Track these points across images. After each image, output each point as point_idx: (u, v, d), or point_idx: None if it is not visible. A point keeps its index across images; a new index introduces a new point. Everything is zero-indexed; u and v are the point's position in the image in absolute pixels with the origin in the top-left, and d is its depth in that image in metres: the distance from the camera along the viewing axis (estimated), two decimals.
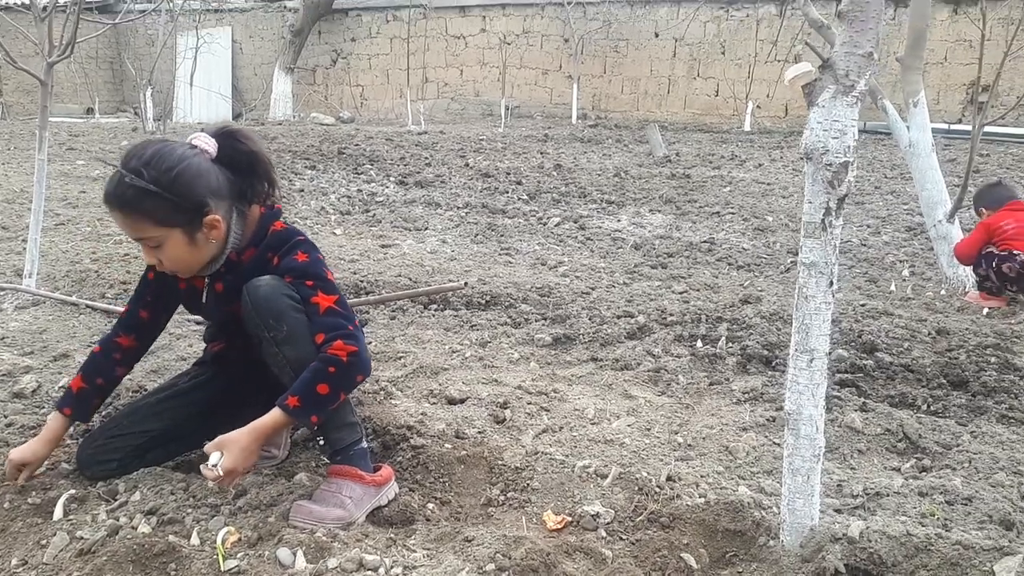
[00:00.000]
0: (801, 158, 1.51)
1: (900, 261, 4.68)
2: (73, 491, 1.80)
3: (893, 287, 4.10)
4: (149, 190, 1.70)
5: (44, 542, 1.62)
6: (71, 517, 1.72)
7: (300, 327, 1.75)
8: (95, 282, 3.85)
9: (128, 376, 2.55)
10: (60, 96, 15.70)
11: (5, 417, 2.26)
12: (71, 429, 2.03)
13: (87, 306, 3.44)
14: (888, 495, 1.94)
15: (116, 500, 1.79)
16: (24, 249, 3.82)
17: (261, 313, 1.74)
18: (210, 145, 1.81)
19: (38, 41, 3.74)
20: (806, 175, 1.52)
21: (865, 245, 5.08)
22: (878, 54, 1.51)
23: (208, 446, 1.73)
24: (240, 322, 1.83)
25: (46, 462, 1.93)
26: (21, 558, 1.59)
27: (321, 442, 1.83)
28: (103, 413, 2.27)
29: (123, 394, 2.38)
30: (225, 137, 1.85)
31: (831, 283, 1.54)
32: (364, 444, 1.88)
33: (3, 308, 3.41)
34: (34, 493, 1.79)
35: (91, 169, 7.62)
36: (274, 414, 1.72)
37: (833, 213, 1.51)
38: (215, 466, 1.67)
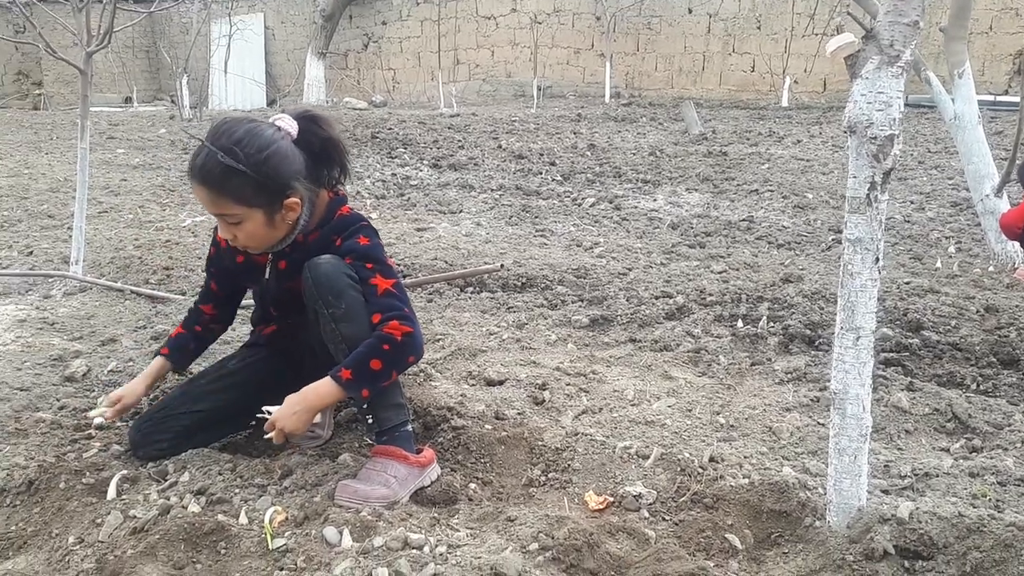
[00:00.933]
0: (844, 132, 1.48)
1: (946, 237, 4.57)
2: (125, 472, 1.85)
3: (939, 264, 4.01)
4: (239, 170, 1.73)
5: (99, 521, 1.67)
6: (124, 497, 1.76)
7: (357, 306, 1.79)
8: (139, 268, 3.93)
9: None
10: (99, 86, 15.98)
11: (58, 400, 2.32)
12: (169, 375, 2.24)
13: (132, 292, 3.51)
14: (937, 476, 1.90)
15: (166, 480, 1.84)
16: (70, 237, 3.90)
17: (321, 290, 1.78)
18: (293, 127, 1.85)
19: (76, 31, 3.79)
20: (850, 149, 1.49)
21: (909, 221, 4.97)
22: (923, 23, 1.46)
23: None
24: (295, 300, 1.88)
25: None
26: (78, 536, 1.64)
27: (369, 420, 1.86)
28: (151, 396, 2.32)
29: (170, 377, 2.43)
30: (306, 121, 1.88)
31: (877, 259, 1.51)
32: (410, 427, 1.91)
33: (52, 295, 3.50)
34: (88, 474, 1.84)
35: (131, 157, 7.75)
36: (325, 383, 1.76)
37: (878, 187, 1.47)
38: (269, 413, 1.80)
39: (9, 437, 2.08)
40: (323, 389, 1.76)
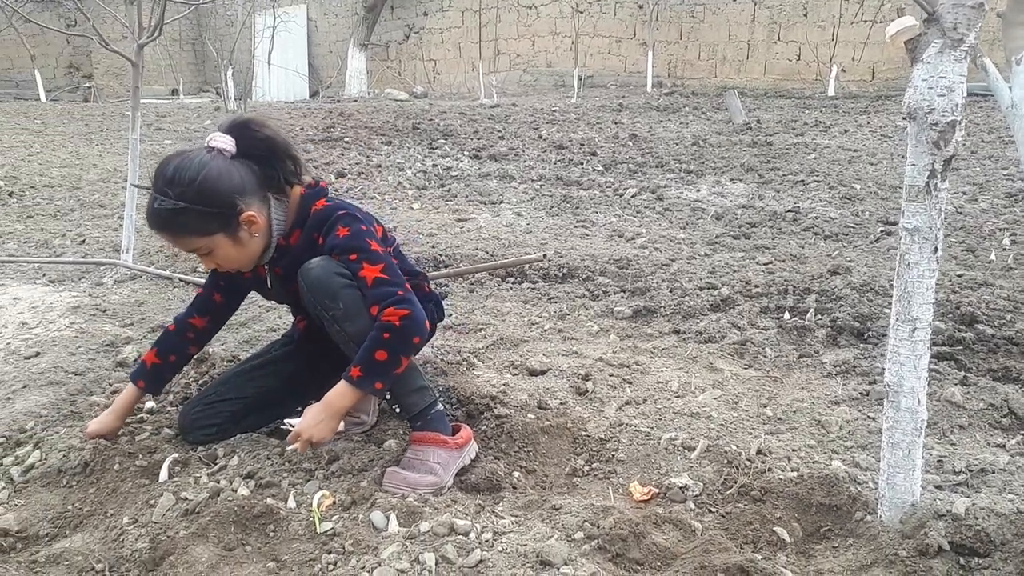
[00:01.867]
0: (903, 118, 1.44)
1: (1000, 229, 4.44)
2: (176, 455, 1.89)
3: (993, 256, 3.90)
4: (179, 207, 1.74)
5: (152, 502, 1.71)
6: (175, 479, 1.80)
7: (355, 302, 1.78)
8: (187, 257, 4.00)
9: (222, 346, 2.66)
10: (146, 78, 16.28)
11: (110, 385, 2.38)
12: (144, 400, 2.14)
13: (180, 280, 3.57)
14: (993, 472, 1.85)
15: (216, 464, 1.87)
16: (120, 226, 3.99)
17: (317, 295, 1.79)
18: (227, 143, 1.82)
19: (128, 24, 3.87)
20: (909, 135, 1.45)
21: (961, 213, 4.83)
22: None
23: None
24: (300, 303, 1.89)
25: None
26: (132, 516, 1.68)
27: (396, 409, 1.87)
28: (200, 382, 2.36)
29: (218, 364, 2.47)
30: (239, 130, 1.85)
31: (936, 249, 1.47)
32: (440, 406, 1.91)
33: (104, 282, 3.58)
34: (141, 456, 1.88)
35: (178, 149, 7.89)
36: (340, 387, 1.77)
37: (938, 175, 1.43)
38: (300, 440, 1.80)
39: (65, 420, 2.14)
40: (340, 392, 1.77)
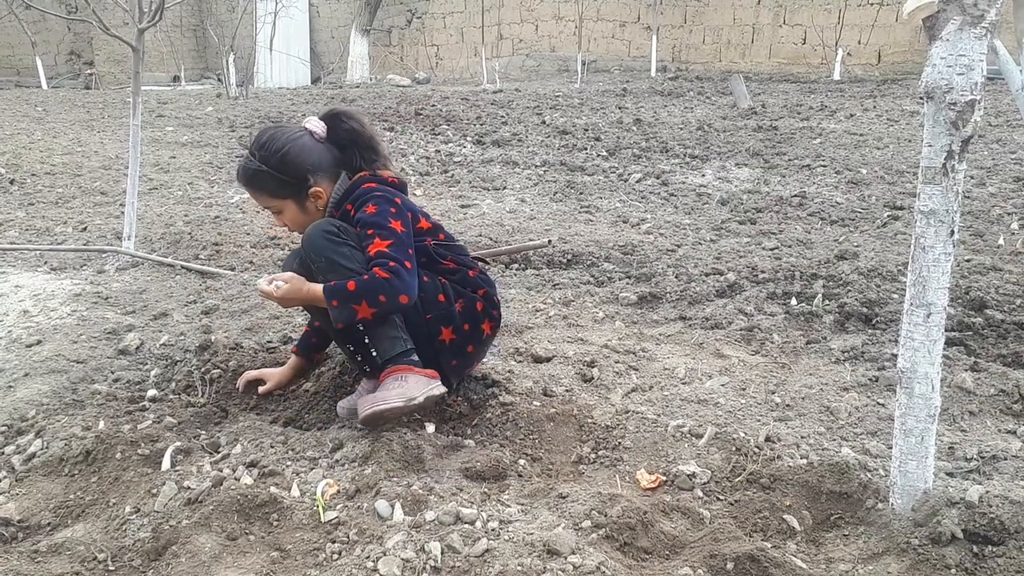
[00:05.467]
0: (921, 98, 1.40)
1: (1008, 213, 4.39)
2: (179, 443, 1.87)
3: (1001, 241, 3.86)
4: (261, 169, 2.04)
5: (154, 491, 1.69)
6: (178, 468, 1.78)
7: (339, 258, 1.95)
8: (188, 244, 3.97)
9: (225, 334, 2.64)
10: (148, 65, 16.20)
11: (112, 373, 2.36)
12: (307, 368, 2.35)
13: (183, 267, 3.55)
14: (1005, 459, 1.83)
15: (219, 452, 1.85)
16: (122, 213, 3.96)
17: (305, 249, 2.00)
18: (319, 127, 2.10)
19: (128, 8, 3.83)
20: (926, 115, 1.41)
21: (969, 197, 4.79)
22: None
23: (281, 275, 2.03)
24: None
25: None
26: (134, 505, 1.66)
27: (373, 353, 1.96)
28: (203, 370, 2.33)
29: (220, 351, 2.45)
30: (331, 118, 2.12)
31: (952, 232, 1.44)
32: (415, 356, 1.98)
33: (105, 269, 3.56)
34: (143, 445, 1.86)
35: (179, 135, 7.85)
36: (317, 285, 1.95)
37: (956, 156, 1.40)
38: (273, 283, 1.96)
39: (67, 408, 2.12)
40: (314, 287, 1.94)
